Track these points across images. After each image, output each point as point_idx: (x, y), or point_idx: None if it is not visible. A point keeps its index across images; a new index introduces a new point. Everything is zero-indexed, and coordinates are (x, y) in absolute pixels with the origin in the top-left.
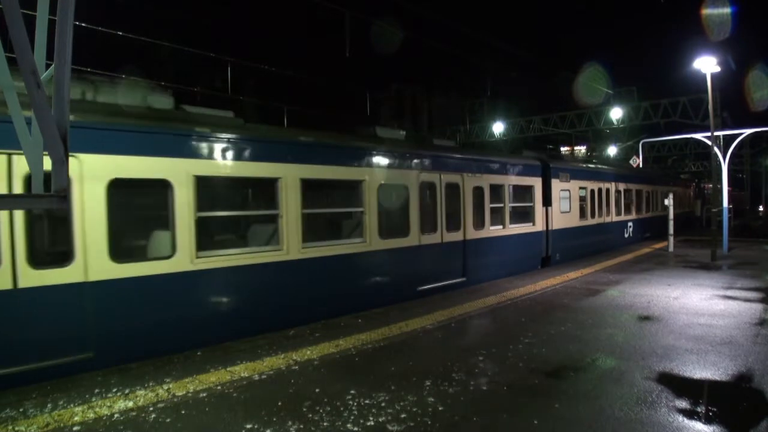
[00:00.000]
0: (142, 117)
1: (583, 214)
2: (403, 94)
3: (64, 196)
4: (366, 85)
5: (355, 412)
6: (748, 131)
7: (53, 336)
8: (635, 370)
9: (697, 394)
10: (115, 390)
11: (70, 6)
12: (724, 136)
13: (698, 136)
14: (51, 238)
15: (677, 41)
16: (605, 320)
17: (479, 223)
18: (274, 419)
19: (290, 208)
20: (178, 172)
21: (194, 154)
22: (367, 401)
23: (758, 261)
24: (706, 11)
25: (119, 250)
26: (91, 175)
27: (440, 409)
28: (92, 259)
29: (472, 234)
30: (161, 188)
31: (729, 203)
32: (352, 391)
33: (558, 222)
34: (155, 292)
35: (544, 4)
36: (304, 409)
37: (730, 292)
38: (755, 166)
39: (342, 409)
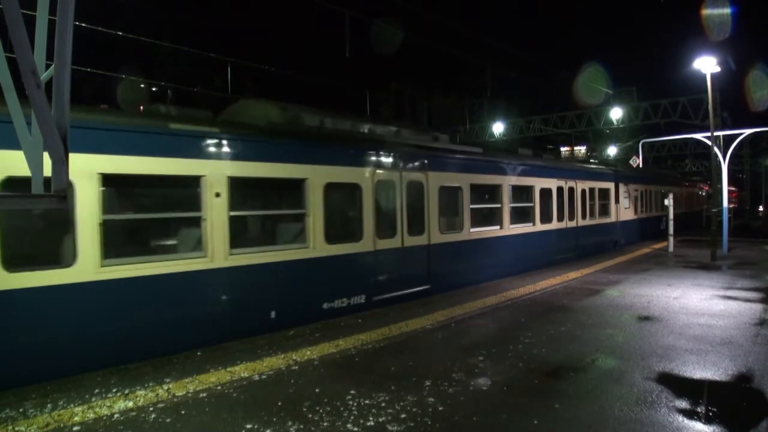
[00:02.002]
0: (428, 148)
1: (636, 210)
2: (403, 94)
3: (64, 196)
4: (366, 84)
5: (355, 412)
6: (748, 131)
7: (414, 272)
8: (635, 370)
9: (697, 394)
10: (115, 390)
11: (70, 6)
12: (724, 136)
13: (698, 136)
14: (414, 222)
15: (677, 41)
16: (605, 320)
17: (584, 215)
18: (274, 419)
19: (505, 203)
20: (464, 181)
21: (470, 169)
22: (367, 401)
23: (758, 261)
24: (706, 11)
25: (440, 227)
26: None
27: (440, 409)
28: (432, 232)
29: (581, 222)
30: (457, 191)
31: (734, 203)
32: (352, 391)
33: (623, 215)
34: (456, 250)
35: (544, 4)
36: (304, 409)
37: (729, 293)
38: (755, 166)
39: (342, 409)
